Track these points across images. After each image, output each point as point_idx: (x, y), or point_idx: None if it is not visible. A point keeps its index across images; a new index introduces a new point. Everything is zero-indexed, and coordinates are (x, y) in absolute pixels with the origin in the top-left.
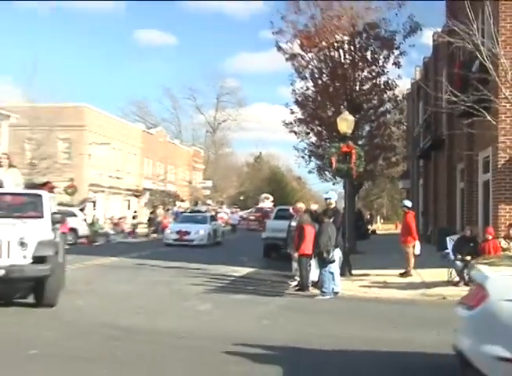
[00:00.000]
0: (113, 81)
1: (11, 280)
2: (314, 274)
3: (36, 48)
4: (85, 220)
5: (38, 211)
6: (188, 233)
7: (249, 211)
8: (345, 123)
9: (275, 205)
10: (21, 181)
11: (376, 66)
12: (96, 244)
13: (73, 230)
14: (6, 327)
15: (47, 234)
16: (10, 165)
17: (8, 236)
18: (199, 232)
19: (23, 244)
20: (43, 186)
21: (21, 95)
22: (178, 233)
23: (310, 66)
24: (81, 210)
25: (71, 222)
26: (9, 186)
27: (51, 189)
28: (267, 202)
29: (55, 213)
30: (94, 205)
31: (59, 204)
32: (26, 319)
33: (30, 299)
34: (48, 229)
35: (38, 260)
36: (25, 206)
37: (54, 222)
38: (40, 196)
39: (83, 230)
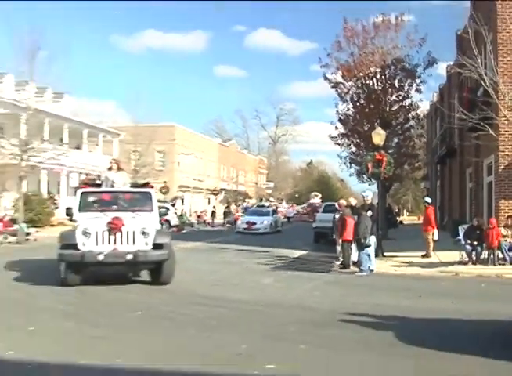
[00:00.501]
0: (196, 104)
1: (137, 263)
2: (354, 256)
3: (136, 80)
4: (176, 213)
5: (149, 206)
6: (254, 223)
7: (302, 206)
8: (378, 136)
9: (322, 201)
10: (128, 181)
11: (402, 91)
12: (184, 231)
13: (167, 221)
14: (122, 295)
15: (158, 225)
16: (119, 168)
17: (133, 226)
18: (263, 222)
19: (144, 233)
20: (144, 185)
21: (126, 116)
22: (247, 223)
23: (350, 92)
24: (173, 205)
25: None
26: (119, 186)
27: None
28: (316, 199)
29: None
30: (182, 202)
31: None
32: (137, 291)
33: (142, 278)
34: (157, 220)
35: (157, 246)
36: (138, 202)
37: (160, 215)
38: (149, 193)
39: (174, 221)
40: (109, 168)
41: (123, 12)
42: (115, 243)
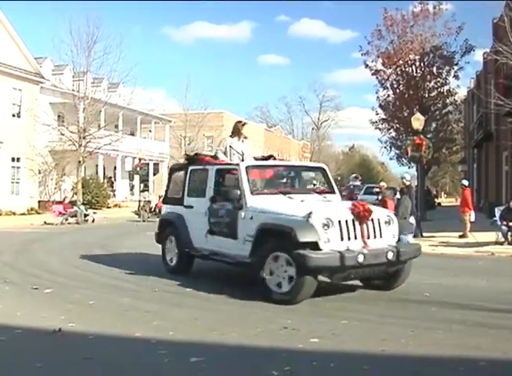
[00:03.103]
0: (242, 92)
1: (397, 263)
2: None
3: (185, 69)
4: None
5: (330, 186)
6: None
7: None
8: (417, 121)
9: (363, 184)
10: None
11: (440, 78)
12: None
13: None
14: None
15: None
16: (244, 136)
17: (377, 214)
18: None
19: (388, 223)
20: (268, 158)
21: (177, 104)
22: None
23: (390, 79)
24: None
25: None
26: (247, 158)
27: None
28: (356, 181)
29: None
30: None
31: None
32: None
33: None
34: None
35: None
36: (313, 180)
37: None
38: (325, 169)
39: None
40: (234, 134)
41: (173, 6)
42: (363, 237)
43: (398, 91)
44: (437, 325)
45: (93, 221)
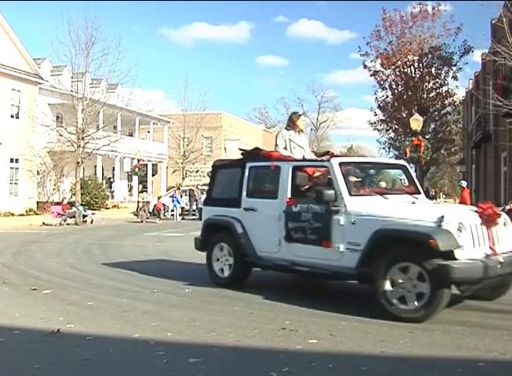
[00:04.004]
0: (242, 92)
1: None
2: None
3: (184, 70)
4: None
5: (413, 185)
6: None
7: None
8: (416, 122)
9: None
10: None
11: (439, 79)
12: None
13: None
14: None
15: None
16: (300, 130)
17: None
18: None
19: (505, 225)
20: (325, 155)
21: (175, 105)
22: None
23: (388, 80)
24: None
25: None
26: (307, 153)
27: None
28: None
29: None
30: None
31: (204, 185)
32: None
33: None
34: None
35: None
36: (398, 179)
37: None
38: (405, 167)
39: None
40: (290, 127)
41: (171, 6)
42: (492, 243)
43: (396, 92)
44: (435, 326)
45: (92, 222)
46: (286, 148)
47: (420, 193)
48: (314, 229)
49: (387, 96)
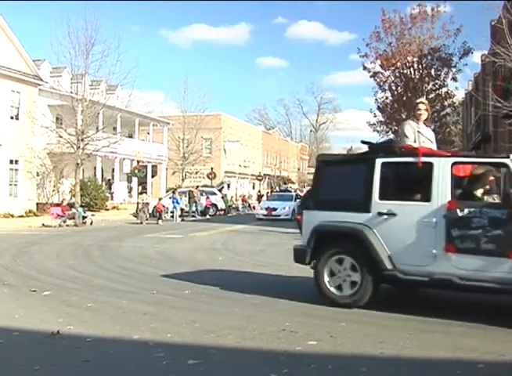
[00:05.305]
0: (241, 94)
1: None
2: None
3: (183, 71)
4: (222, 198)
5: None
6: (275, 209)
7: None
8: None
9: None
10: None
11: (438, 80)
12: (230, 215)
13: (215, 205)
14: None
15: None
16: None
17: None
18: (284, 208)
19: None
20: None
21: (175, 106)
22: (266, 209)
23: (388, 81)
24: (220, 190)
25: (212, 199)
26: (435, 147)
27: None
28: None
29: None
30: (228, 187)
31: (203, 186)
32: (190, 272)
33: None
34: None
35: None
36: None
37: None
38: (509, 166)
39: (221, 205)
40: (415, 118)
41: (170, 8)
42: None
43: (396, 93)
44: (434, 327)
45: (91, 223)
46: (415, 141)
47: None
48: (492, 238)
49: (387, 98)
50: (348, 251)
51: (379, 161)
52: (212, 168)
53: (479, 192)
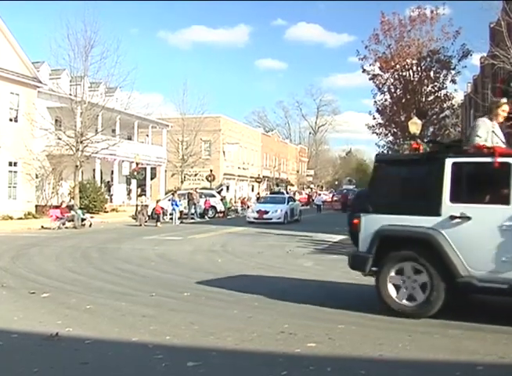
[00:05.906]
0: (241, 96)
1: None
2: None
3: (182, 73)
4: (221, 200)
5: None
6: (266, 212)
7: (331, 193)
8: (415, 126)
9: (357, 187)
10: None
11: (437, 82)
12: (229, 217)
13: (214, 207)
14: (178, 278)
15: None
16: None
17: None
18: (276, 211)
19: None
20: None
21: (174, 108)
22: (258, 212)
23: (387, 83)
24: (218, 192)
25: (212, 201)
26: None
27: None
28: (350, 185)
29: None
30: (227, 189)
31: (202, 188)
32: (186, 274)
33: None
34: None
35: None
36: None
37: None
38: None
39: (220, 207)
40: (490, 116)
41: (169, 9)
42: None
43: (395, 95)
44: (434, 329)
45: (90, 225)
46: (486, 141)
47: None
48: None
49: (386, 100)
50: (417, 257)
51: (449, 161)
52: (211, 170)
53: None
